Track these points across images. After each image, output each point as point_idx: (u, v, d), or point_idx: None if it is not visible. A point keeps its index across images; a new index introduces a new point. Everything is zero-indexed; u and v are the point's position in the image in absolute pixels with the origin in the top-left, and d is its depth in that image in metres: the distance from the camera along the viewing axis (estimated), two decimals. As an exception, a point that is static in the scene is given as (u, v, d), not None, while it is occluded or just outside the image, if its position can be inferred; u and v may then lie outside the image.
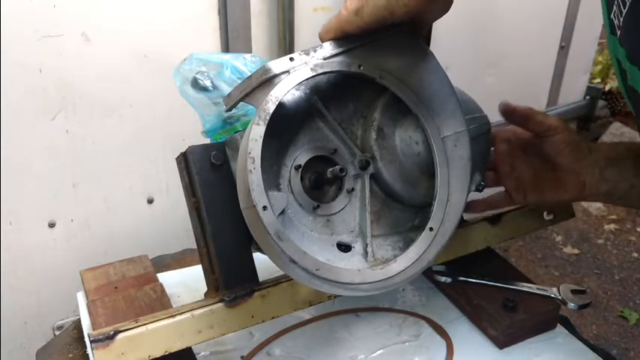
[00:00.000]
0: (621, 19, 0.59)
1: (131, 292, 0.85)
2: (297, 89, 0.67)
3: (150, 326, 0.66)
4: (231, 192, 0.66)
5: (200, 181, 0.70)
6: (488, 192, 0.82)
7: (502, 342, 0.82)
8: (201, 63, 0.78)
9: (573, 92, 2.28)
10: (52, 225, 1.32)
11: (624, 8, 0.57)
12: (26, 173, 1.25)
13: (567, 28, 2.04)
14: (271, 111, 0.61)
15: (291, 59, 0.64)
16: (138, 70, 1.28)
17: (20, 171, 1.24)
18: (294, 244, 0.60)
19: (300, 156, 0.69)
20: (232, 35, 1.34)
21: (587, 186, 0.73)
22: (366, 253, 0.67)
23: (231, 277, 0.71)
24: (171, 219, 1.44)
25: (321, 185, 0.69)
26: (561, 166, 0.75)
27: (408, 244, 0.68)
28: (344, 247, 0.68)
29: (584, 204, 2.89)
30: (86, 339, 0.76)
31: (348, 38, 0.67)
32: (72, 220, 1.34)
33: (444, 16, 0.67)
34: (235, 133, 0.74)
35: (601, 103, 2.73)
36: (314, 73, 0.64)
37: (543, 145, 0.76)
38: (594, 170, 0.73)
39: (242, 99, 0.65)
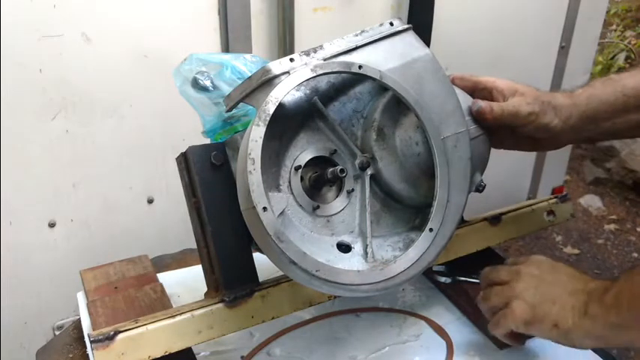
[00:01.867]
0: None
1: (131, 292, 0.85)
2: (297, 90, 0.67)
3: (150, 326, 0.66)
4: (231, 192, 0.66)
5: (200, 181, 0.70)
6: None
7: (502, 342, 0.82)
8: (201, 63, 0.78)
9: (573, 92, 2.28)
10: (52, 225, 1.32)
11: None
12: (26, 173, 1.25)
13: (567, 28, 2.03)
14: (271, 112, 0.61)
15: (292, 60, 0.64)
16: (138, 70, 1.28)
17: (20, 171, 1.24)
18: (294, 245, 0.60)
19: (300, 156, 0.69)
20: (232, 35, 1.34)
21: (563, 142, 0.80)
22: (366, 253, 0.67)
23: (231, 277, 0.71)
24: (171, 219, 1.44)
25: (321, 186, 0.69)
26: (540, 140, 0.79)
27: (408, 244, 0.68)
28: (344, 248, 0.68)
29: (585, 204, 2.89)
30: (86, 339, 0.76)
31: (348, 39, 0.67)
32: (72, 220, 1.34)
33: (444, 16, 0.67)
34: (235, 133, 0.74)
35: (601, 103, 2.72)
36: (314, 74, 0.64)
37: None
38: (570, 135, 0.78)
39: (242, 100, 0.65)
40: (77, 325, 0.86)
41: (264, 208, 0.59)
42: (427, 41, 0.71)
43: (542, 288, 0.69)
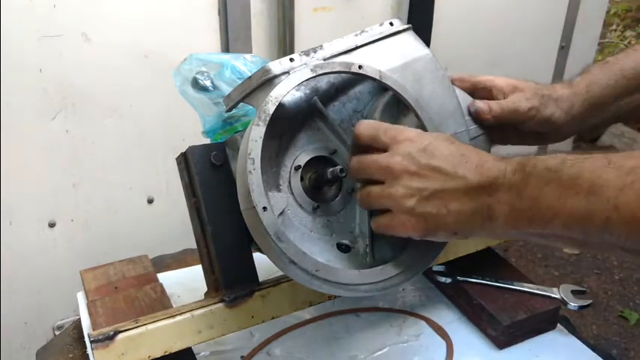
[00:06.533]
0: None
1: (131, 292, 0.85)
2: (297, 90, 0.67)
3: (150, 326, 0.66)
4: (231, 192, 0.66)
5: (200, 181, 0.70)
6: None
7: (502, 342, 0.82)
8: (201, 63, 0.78)
9: (573, 92, 2.29)
10: (52, 225, 1.32)
11: None
12: (26, 173, 1.25)
13: (567, 28, 2.04)
14: (271, 112, 0.61)
15: (291, 60, 0.64)
16: (138, 70, 1.28)
17: (20, 171, 1.24)
18: (294, 245, 0.60)
19: (300, 156, 0.69)
20: (232, 35, 1.34)
21: (569, 133, 0.78)
22: (365, 253, 0.67)
23: (231, 277, 0.71)
24: (171, 219, 1.44)
25: (321, 186, 0.69)
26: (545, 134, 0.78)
27: (408, 244, 0.68)
28: (344, 248, 0.68)
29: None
30: (86, 339, 0.76)
31: (348, 39, 0.67)
32: (72, 220, 1.34)
33: (444, 16, 0.67)
34: (235, 133, 0.74)
35: (601, 103, 2.72)
36: (314, 74, 0.64)
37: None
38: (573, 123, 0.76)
39: (242, 100, 0.65)
40: (77, 325, 0.86)
41: (264, 208, 0.59)
42: (427, 41, 0.72)
43: (430, 191, 0.57)
